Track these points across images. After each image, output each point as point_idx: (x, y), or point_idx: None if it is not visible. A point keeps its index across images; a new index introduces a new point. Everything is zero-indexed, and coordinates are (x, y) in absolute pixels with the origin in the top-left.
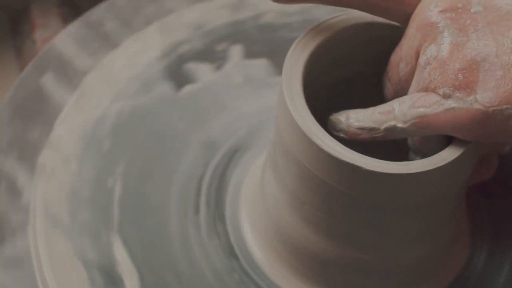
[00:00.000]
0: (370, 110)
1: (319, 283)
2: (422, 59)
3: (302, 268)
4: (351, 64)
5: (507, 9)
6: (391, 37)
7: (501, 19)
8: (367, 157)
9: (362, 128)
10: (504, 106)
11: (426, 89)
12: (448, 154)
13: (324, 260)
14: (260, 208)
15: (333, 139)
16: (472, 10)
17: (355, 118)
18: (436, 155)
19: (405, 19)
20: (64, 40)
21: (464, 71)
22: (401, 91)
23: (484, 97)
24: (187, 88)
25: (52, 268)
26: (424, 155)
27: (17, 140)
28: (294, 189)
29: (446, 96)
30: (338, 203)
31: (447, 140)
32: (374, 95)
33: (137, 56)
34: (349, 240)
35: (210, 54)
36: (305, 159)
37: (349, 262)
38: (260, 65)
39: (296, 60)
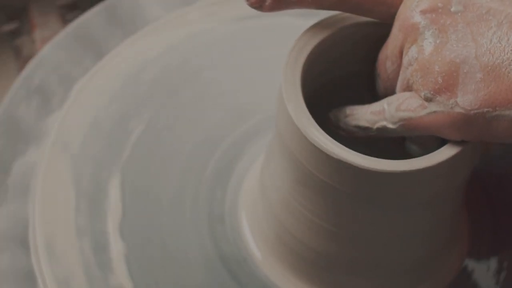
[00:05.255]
0: (365, 108)
1: (319, 283)
2: (405, 60)
3: (303, 268)
4: (351, 63)
5: (487, 7)
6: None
7: (480, 18)
8: (365, 156)
9: (358, 127)
10: (485, 109)
11: (410, 89)
12: (447, 151)
13: (324, 260)
14: (259, 208)
15: (331, 138)
16: (452, 10)
17: (351, 117)
18: (434, 152)
19: (390, 19)
20: None
21: (444, 74)
22: (391, 88)
23: (464, 100)
24: None
25: (43, 186)
26: (420, 144)
27: None
28: (293, 190)
29: (427, 100)
30: (337, 202)
31: None
32: (373, 91)
33: None
34: (349, 240)
35: None
36: (305, 159)
37: (349, 262)
38: None
39: (295, 61)
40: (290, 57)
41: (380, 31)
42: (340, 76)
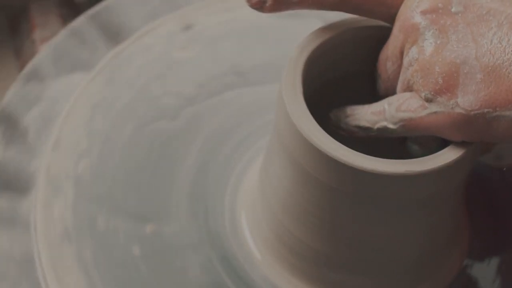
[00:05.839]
0: (365, 108)
1: (319, 283)
2: (405, 60)
3: (303, 268)
4: (352, 63)
5: (488, 7)
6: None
7: (481, 19)
8: (367, 156)
9: (359, 127)
10: (485, 110)
11: (410, 89)
12: (450, 153)
13: (324, 259)
14: (258, 208)
15: (332, 138)
16: (452, 10)
17: (352, 117)
18: (437, 154)
19: (391, 19)
20: None
21: (444, 74)
22: (391, 88)
23: (465, 101)
24: None
25: None
26: (421, 144)
27: None
28: (292, 189)
29: (428, 100)
30: (337, 203)
31: None
32: (374, 91)
33: None
34: (349, 240)
35: None
36: (304, 160)
37: (349, 261)
38: None
39: (296, 62)
40: (291, 58)
41: (381, 33)
42: (341, 77)
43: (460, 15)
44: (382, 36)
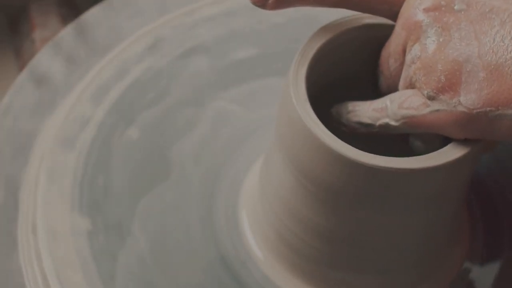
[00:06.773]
0: (367, 104)
1: (319, 282)
2: (408, 58)
3: (304, 267)
4: (354, 63)
5: (490, 5)
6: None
7: (483, 17)
8: (373, 155)
9: (360, 123)
10: (488, 109)
11: (412, 87)
12: (456, 150)
13: (326, 258)
14: (259, 208)
15: (336, 137)
16: (455, 8)
17: (353, 113)
18: (443, 150)
19: (393, 17)
20: None
21: (447, 72)
22: (393, 84)
23: (467, 99)
24: None
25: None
26: (423, 141)
27: None
28: (293, 189)
29: (430, 98)
30: (339, 201)
31: None
32: (376, 91)
33: None
34: (351, 239)
35: None
36: (307, 158)
37: (351, 260)
38: None
39: (301, 61)
40: (297, 58)
41: (384, 32)
42: (343, 77)
43: (463, 13)
44: (385, 35)
